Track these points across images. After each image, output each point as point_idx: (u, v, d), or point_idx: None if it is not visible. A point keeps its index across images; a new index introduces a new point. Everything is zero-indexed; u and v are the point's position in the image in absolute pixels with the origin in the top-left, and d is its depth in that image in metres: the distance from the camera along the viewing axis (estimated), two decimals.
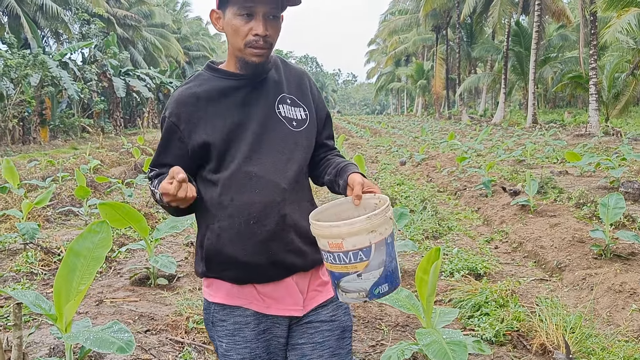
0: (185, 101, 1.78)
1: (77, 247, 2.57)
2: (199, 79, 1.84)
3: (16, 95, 21.77)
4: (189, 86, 1.82)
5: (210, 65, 1.88)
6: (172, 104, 1.81)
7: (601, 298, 4.14)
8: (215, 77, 1.82)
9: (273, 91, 1.85)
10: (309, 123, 1.89)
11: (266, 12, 1.69)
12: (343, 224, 1.51)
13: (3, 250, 5.83)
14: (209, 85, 1.80)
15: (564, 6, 31.74)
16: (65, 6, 30.51)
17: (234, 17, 1.71)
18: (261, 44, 1.71)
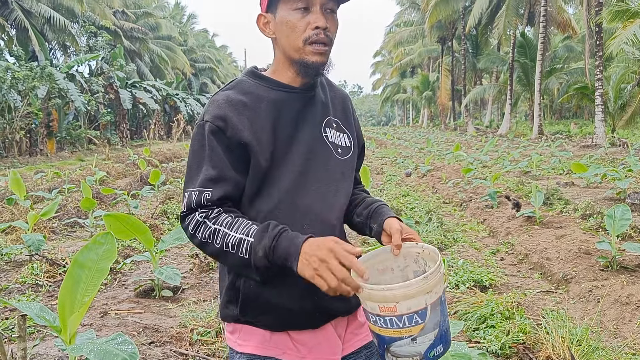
0: (233, 106, 1.54)
1: (82, 258, 2.58)
2: (241, 85, 1.60)
3: (23, 107, 21.93)
4: (233, 92, 1.58)
5: (254, 72, 1.65)
6: (215, 107, 1.54)
7: (608, 310, 4.11)
8: (262, 86, 1.60)
9: (321, 112, 1.65)
10: (353, 151, 1.71)
11: (324, 3, 1.52)
12: (398, 287, 1.34)
13: (9, 261, 5.84)
14: (255, 95, 1.57)
15: (570, 17, 31.79)
16: (73, 19, 30.82)
17: (288, 13, 1.52)
18: (322, 38, 1.51)
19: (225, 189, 1.50)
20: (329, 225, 1.59)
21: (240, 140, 1.50)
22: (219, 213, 1.48)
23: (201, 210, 1.49)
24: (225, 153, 1.50)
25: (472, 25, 34.02)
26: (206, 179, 1.49)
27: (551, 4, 28.70)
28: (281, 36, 1.55)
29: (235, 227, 1.44)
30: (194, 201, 1.49)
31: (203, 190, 1.49)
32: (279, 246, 1.38)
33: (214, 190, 1.49)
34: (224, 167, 1.50)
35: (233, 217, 1.47)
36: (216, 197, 1.48)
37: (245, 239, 1.40)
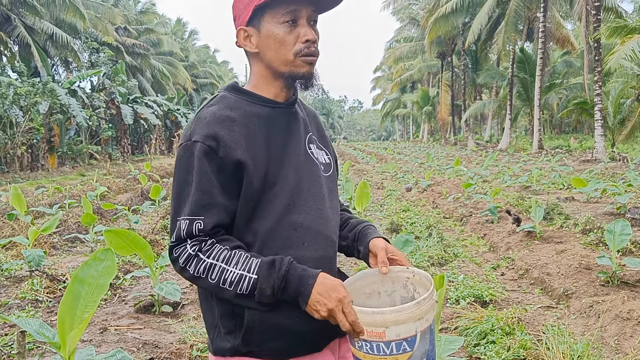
0: (222, 123, 1.45)
1: (82, 274, 2.59)
2: (225, 101, 1.53)
3: (25, 122, 22.00)
4: (219, 107, 1.50)
5: (236, 87, 1.59)
6: (203, 125, 1.45)
7: (609, 326, 4.10)
8: (247, 102, 1.54)
9: (303, 128, 1.62)
10: (333, 168, 1.69)
11: (310, 16, 1.50)
12: (389, 311, 1.29)
13: (9, 277, 5.84)
14: (242, 110, 1.51)
15: (568, 33, 32.00)
16: (75, 35, 31.02)
17: (275, 27, 1.48)
18: (313, 50, 1.50)
19: (217, 216, 1.42)
20: (329, 241, 1.55)
21: (234, 160, 1.42)
22: (213, 245, 1.41)
23: (193, 242, 1.41)
24: (217, 176, 1.42)
25: (472, 41, 34.23)
26: (197, 206, 1.41)
27: (550, 20, 28.89)
28: (267, 50, 1.51)
29: (233, 261, 1.38)
30: (185, 231, 1.41)
31: (194, 219, 1.40)
32: (289, 287, 1.36)
33: (206, 219, 1.41)
34: (216, 192, 1.42)
35: (229, 250, 1.40)
36: (209, 227, 1.41)
37: (246, 275, 1.36)
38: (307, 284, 1.35)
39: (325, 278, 1.38)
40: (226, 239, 1.44)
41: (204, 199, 1.41)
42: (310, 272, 1.38)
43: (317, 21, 1.54)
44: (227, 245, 1.42)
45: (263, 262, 1.38)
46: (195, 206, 1.40)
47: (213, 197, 1.41)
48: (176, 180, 1.46)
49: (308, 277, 1.36)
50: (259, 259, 1.39)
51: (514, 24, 30.24)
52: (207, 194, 1.41)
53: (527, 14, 30.88)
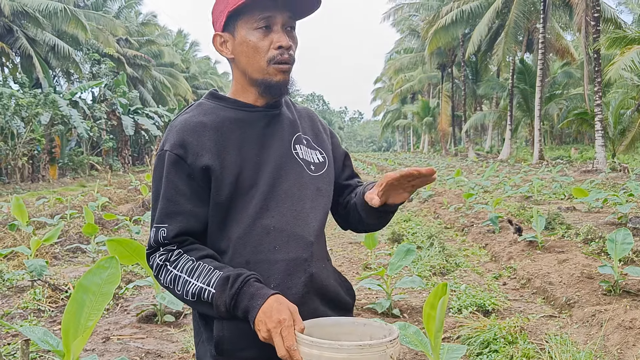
0: (192, 129, 1.46)
1: (86, 282, 2.59)
2: (201, 107, 1.54)
3: (26, 133, 22.07)
4: (192, 114, 1.51)
5: (214, 93, 1.60)
6: (173, 134, 1.46)
7: (611, 335, 4.09)
8: (223, 107, 1.54)
9: (288, 130, 1.59)
10: (328, 167, 1.64)
11: (285, 22, 1.47)
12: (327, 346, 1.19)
13: (11, 287, 5.84)
14: (216, 115, 1.51)
15: (568, 44, 32.15)
16: (77, 47, 31.20)
17: (248, 33, 1.46)
18: (286, 57, 1.47)
19: (181, 224, 1.42)
20: (304, 242, 1.49)
21: (202, 165, 1.42)
22: (179, 255, 1.42)
23: (161, 251, 1.43)
24: (185, 183, 1.43)
25: (472, 52, 34.37)
26: (162, 214, 1.43)
27: (549, 31, 29.03)
28: (241, 56, 1.50)
29: (196, 274, 1.37)
30: (152, 239, 1.44)
31: (159, 227, 1.43)
32: (239, 305, 1.33)
33: (170, 227, 1.42)
34: (182, 200, 1.43)
35: (194, 261, 1.39)
36: (172, 235, 1.42)
37: (205, 288, 1.35)
38: (255, 303, 1.31)
39: (277, 300, 1.31)
40: (194, 248, 1.43)
41: (169, 207, 1.42)
42: (262, 292, 1.33)
43: (294, 27, 1.52)
44: (193, 255, 1.41)
45: (221, 277, 1.35)
46: (161, 214, 1.43)
47: (178, 205, 1.42)
48: (153, 189, 1.48)
49: (258, 297, 1.32)
50: (220, 272, 1.36)
51: (514, 35, 30.38)
52: (172, 202, 1.42)
53: (526, 25, 31.03)
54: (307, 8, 1.52)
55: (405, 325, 2.86)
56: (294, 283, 1.46)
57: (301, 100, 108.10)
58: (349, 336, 1.38)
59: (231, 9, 1.45)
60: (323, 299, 1.53)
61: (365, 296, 5.43)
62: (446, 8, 34.34)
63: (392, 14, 44.24)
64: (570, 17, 28.21)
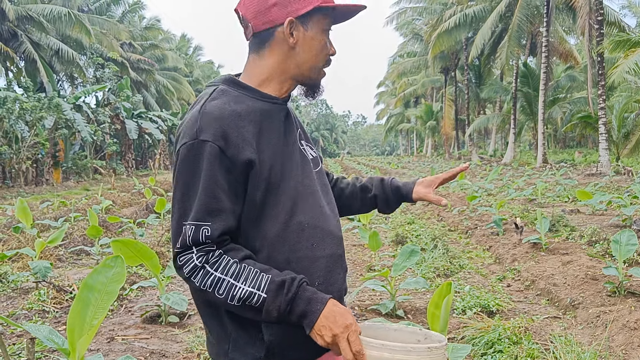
0: (230, 119, 1.37)
1: (91, 281, 2.60)
2: (227, 95, 1.44)
3: (30, 137, 22.14)
4: (223, 102, 1.41)
5: (235, 80, 1.49)
6: (211, 122, 1.35)
7: (616, 335, 4.09)
8: (247, 97, 1.46)
9: (295, 124, 1.58)
10: (321, 162, 1.66)
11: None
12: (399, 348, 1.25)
13: (15, 288, 5.86)
14: (246, 105, 1.43)
15: (571, 48, 32.09)
16: (81, 51, 31.29)
17: (319, 33, 1.47)
18: None
19: (225, 223, 1.34)
20: (337, 238, 1.51)
21: (244, 159, 1.35)
22: (220, 256, 1.33)
23: (199, 251, 1.32)
24: (225, 178, 1.34)
25: (475, 55, 34.35)
26: (204, 211, 1.32)
27: (553, 35, 29.01)
28: (305, 51, 1.47)
29: (242, 276, 1.31)
30: (190, 238, 1.32)
31: (200, 224, 1.32)
32: (295, 310, 1.31)
33: (214, 225, 1.32)
34: (224, 196, 1.34)
35: (238, 263, 1.33)
36: (217, 234, 1.32)
37: (255, 292, 1.29)
38: (315, 308, 1.30)
39: (335, 304, 1.32)
40: (233, 248, 1.36)
41: (211, 203, 1.32)
42: (319, 297, 1.32)
43: None
44: (235, 256, 1.34)
45: (273, 280, 1.31)
46: (203, 211, 1.32)
47: (221, 201, 1.33)
48: (180, 182, 1.36)
49: (316, 302, 1.31)
50: (268, 275, 1.32)
51: (517, 38, 30.39)
52: (215, 199, 1.32)
53: (529, 29, 31.02)
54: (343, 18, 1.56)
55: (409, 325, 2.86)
56: (335, 279, 1.48)
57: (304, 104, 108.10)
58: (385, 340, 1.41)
59: (321, 5, 1.45)
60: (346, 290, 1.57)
61: (369, 297, 5.43)
62: (449, 12, 34.36)
63: (395, 17, 44.26)
64: (574, 20, 28.17)
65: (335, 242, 1.50)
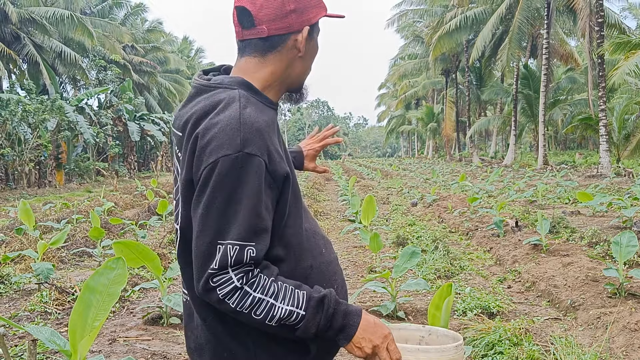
0: (266, 131, 1.30)
1: (93, 283, 2.62)
2: (252, 103, 1.34)
3: (33, 139, 22.19)
4: (255, 111, 1.32)
5: (252, 85, 1.39)
6: (256, 134, 1.26)
7: (616, 337, 4.10)
8: (264, 105, 1.39)
9: None
10: None
11: None
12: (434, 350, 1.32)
13: (18, 290, 5.88)
14: (267, 114, 1.36)
15: (572, 50, 32.14)
16: (83, 53, 31.39)
17: (316, 42, 1.46)
18: None
19: (267, 242, 1.28)
20: (329, 242, 1.52)
21: (283, 173, 1.30)
22: (258, 275, 1.26)
23: (239, 272, 1.24)
24: (268, 195, 1.27)
25: (476, 57, 34.40)
26: (250, 230, 1.24)
27: (553, 37, 29.03)
28: (307, 59, 1.45)
29: (281, 295, 1.26)
30: (233, 258, 1.23)
31: (245, 245, 1.23)
32: (334, 324, 1.29)
33: (258, 245, 1.25)
34: (267, 215, 1.28)
35: (274, 281, 1.27)
36: (261, 255, 1.26)
37: (295, 311, 1.25)
38: (352, 321, 1.29)
39: (367, 314, 1.33)
40: (265, 266, 1.30)
41: (257, 223, 1.25)
42: (353, 309, 1.31)
43: None
44: (270, 275, 1.28)
45: (312, 297, 1.28)
46: (248, 231, 1.24)
47: (265, 220, 1.27)
48: (219, 197, 1.24)
49: (353, 314, 1.30)
50: (303, 291, 1.28)
51: (518, 40, 30.42)
52: (260, 218, 1.25)
53: (530, 31, 31.08)
54: None
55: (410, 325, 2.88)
56: (343, 282, 1.50)
57: (306, 106, 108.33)
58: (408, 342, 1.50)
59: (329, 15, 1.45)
60: None
61: (370, 299, 5.45)
62: (450, 14, 34.41)
63: (396, 20, 44.30)
64: (574, 22, 28.21)
65: (331, 246, 1.52)
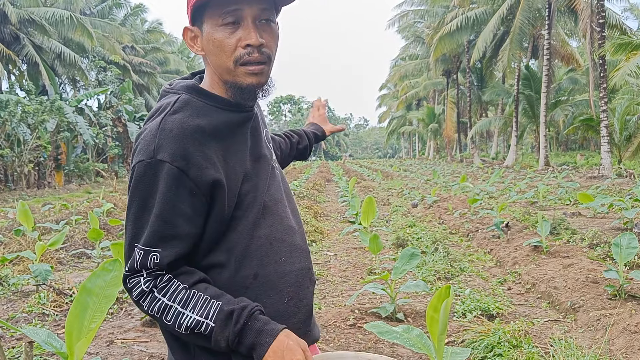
0: (192, 136, 1.26)
1: (90, 285, 2.60)
2: (191, 107, 1.32)
3: (33, 140, 22.18)
4: (185, 115, 1.29)
5: (198, 88, 1.37)
6: (170, 140, 1.24)
7: (616, 339, 4.07)
8: (214, 107, 1.34)
9: (262, 129, 1.48)
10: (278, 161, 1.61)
11: (256, 15, 1.29)
12: None
13: (16, 292, 5.86)
14: (210, 118, 1.31)
15: (573, 50, 32.09)
16: (83, 54, 31.41)
17: (215, 30, 1.28)
18: (256, 57, 1.29)
19: (177, 249, 1.26)
20: (304, 251, 1.46)
21: (209, 180, 1.26)
22: (169, 281, 1.26)
23: (147, 275, 1.26)
24: (186, 201, 1.25)
25: (477, 58, 34.38)
26: (156, 237, 1.24)
27: (555, 38, 29.01)
28: (209, 55, 1.33)
29: (190, 304, 1.24)
30: (138, 263, 1.25)
31: (150, 250, 1.25)
32: (244, 341, 1.24)
33: (164, 252, 1.25)
34: (181, 221, 1.25)
35: (187, 289, 1.26)
36: (166, 262, 1.25)
37: (203, 321, 1.23)
38: (263, 341, 1.23)
39: (287, 336, 1.26)
40: (185, 272, 1.29)
41: (165, 229, 1.24)
42: (270, 328, 1.25)
43: (272, 20, 1.33)
44: (186, 281, 1.27)
45: (222, 309, 1.24)
46: (154, 237, 1.24)
47: (176, 227, 1.25)
48: (135, 202, 1.26)
49: (267, 334, 1.24)
50: (219, 302, 1.25)
51: (519, 41, 30.39)
52: (169, 224, 1.24)
53: (531, 32, 31.04)
54: None
55: (408, 328, 2.86)
56: (304, 294, 1.42)
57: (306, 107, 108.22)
58: None
59: (193, 4, 1.29)
60: None
61: (369, 300, 5.42)
62: (451, 15, 34.40)
63: (397, 20, 44.32)
64: (576, 23, 28.19)
65: (303, 255, 1.45)
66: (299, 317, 1.40)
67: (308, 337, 1.42)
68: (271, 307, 1.34)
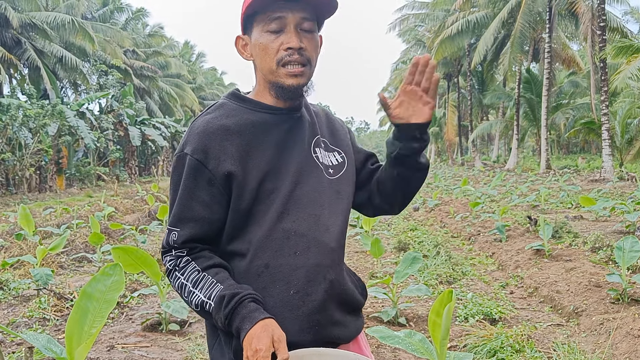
0: (214, 133, 1.45)
1: (90, 289, 2.58)
2: (224, 109, 1.52)
3: (34, 144, 22.18)
4: (214, 116, 1.49)
5: (236, 94, 1.56)
6: (194, 136, 1.45)
7: (620, 343, 4.05)
8: (246, 109, 1.51)
9: (309, 132, 1.57)
10: (347, 167, 1.62)
11: (298, 23, 1.44)
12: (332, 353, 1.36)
13: (16, 296, 5.84)
14: (239, 118, 1.49)
15: (574, 53, 32.07)
16: (84, 58, 31.38)
17: (261, 35, 1.46)
18: (297, 58, 1.43)
19: (192, 231, 1.45)
20: (326, 249, 1.49)
21: (225, 171, 1.42)
22: (187, 263, 1.45)
23: (172, 255, 1.47)
24: (204, 189, 1.43)
25: (478, 61, 34.35)
26: (176, 218, 1.46)
27: (555, 41, 29.01)
28: (256, 59, 1.50)
29: (199, 285, 1.41)
30: (165, 240, 1.48)
31: (171, 229, 1.46)
32: (232, 324, 1.36)
33: (181, 232, 1.45)
34: (196, 206, 1.44)
35: (199, 272, 1.42)
36: (181, 240, 1.45)
37: (207, 302, 1.39)
38: (244, 327, 1.34)
39: (263, 327, 1.33)
40: (201, 256, 1.46)
41: (183, 211, 1.45)
42: (253, 316, 1.34)
43: (312, 29, 1.48)
44: (200, 264, 1.44)
45: (219, 293, 1.38)
46: (175, 218, 1.46)
47: (192, 210, 1.44)
48: (170, 190, 1.50)
49: (248, 320, 1.34)
50: (221, 286, 1.39)
51: (520, 44, 30.36)
52: (186, 208, 1.44)
53: (532, 35, 31.02)
54: (324, 9, 1.50)
55: (410, 332, 2.84)
56: (313, 290, 1.46)
57: None
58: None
59: (244, 12, 1.47)
60: (341, 303, 1.54)
61: (371, 305, 5.40)
62: (452, 18, 34.39)
63: (398, 24, 44.30)
64: (576, 26, 28.18)
65: (322, 252, 1.48)
66: (303, 310, 1.45)
67: (318, 334, 1.47)
68: (277, 297, 1.44)
